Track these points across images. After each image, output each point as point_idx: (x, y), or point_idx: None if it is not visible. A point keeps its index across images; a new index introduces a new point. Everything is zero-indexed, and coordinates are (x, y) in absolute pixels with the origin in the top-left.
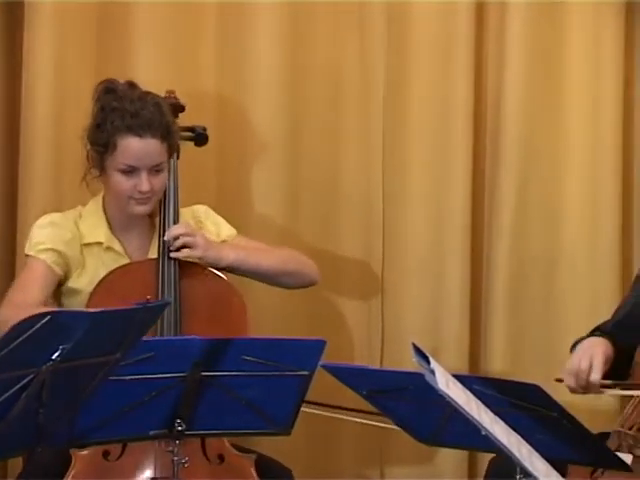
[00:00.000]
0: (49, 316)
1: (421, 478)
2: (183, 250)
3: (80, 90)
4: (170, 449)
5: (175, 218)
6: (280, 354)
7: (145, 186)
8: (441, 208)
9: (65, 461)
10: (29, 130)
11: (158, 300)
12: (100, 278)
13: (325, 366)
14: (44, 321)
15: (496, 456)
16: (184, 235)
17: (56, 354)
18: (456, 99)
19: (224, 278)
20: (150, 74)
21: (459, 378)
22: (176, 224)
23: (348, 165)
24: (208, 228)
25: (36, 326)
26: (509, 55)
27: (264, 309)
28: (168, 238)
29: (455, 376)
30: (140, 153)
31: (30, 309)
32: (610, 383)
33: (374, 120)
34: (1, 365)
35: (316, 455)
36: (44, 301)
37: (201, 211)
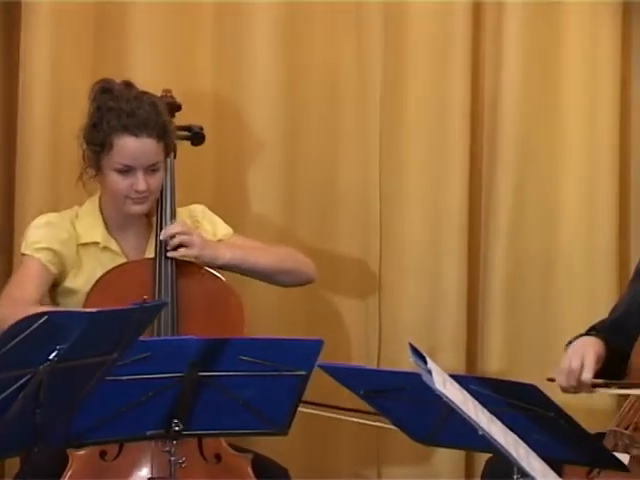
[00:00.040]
0: (46, 316)
1: (418, 478)
2: (179, 249)
3: (77, 90)
4: (167, 449)
5: (172, 217)
6: (277, 354)
7: (141, 185)
8: (438, 208)
9: (62, 461)
10: (26, 130)
11: (155, 300)
12: (97, 278)
13: (322, 366)
14: (41, 321)
15: (492, 456)
16: (180, 234)
17: (53, 354)
18: (453, 99)
19: (221, 278)
20: (147, 74)
21: (456, 378)
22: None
23: (345, 165)
24: (205, 227)
25: (33, 326)
26: (506, 55)
27: (261, 307)
28: (164, 237)
29: (452, 376)
30: (136, 153)
31: (26, 306)
32: (601, 382)
33: (371, 120)
34: None
35: (313, 455)
36: (39, 299)
37: (198, 210)
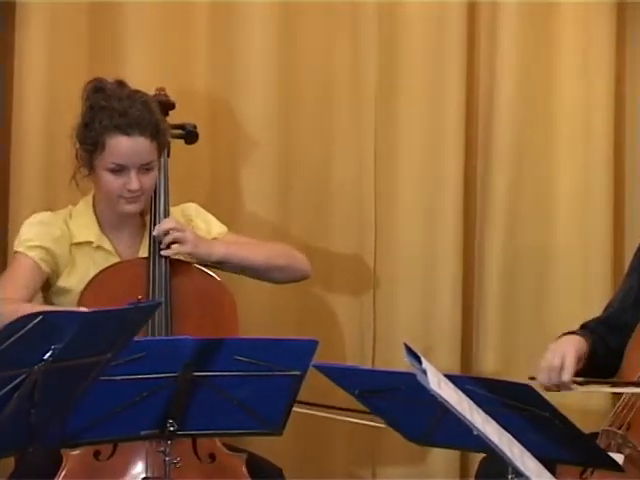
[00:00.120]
0: (41, 316)
1: (413, 478)
2: (173, 246)
3: (72, 90)
4: (161, 449)
5: (165, 216)
6: (272, 354)
7: (134, 185)
8: (433, 206)
9: (56, 461)
10: (21, 130)
11: (149, 300)
12: (90, 277)
13: (317, 366)
14: (36, 321)
15: (486, 456)
16: (173, 230)
17: (48, 354)
18: (448, 98)
19: (215, 277)
20: (142, 73)
21: (451, 378)
22: None
23: (339, 163)
24: (199, 226)
25: (28, 326)
26: (501, 55)
27: (254, 306)
28: (158, 233)
29: (447, 376)
30: (129, 152)
31: (18, 304)
32: (582, 380)
33: (366, 119)
34: None
35: (308, 455)
36: (30, 297)
37: (191, 209)
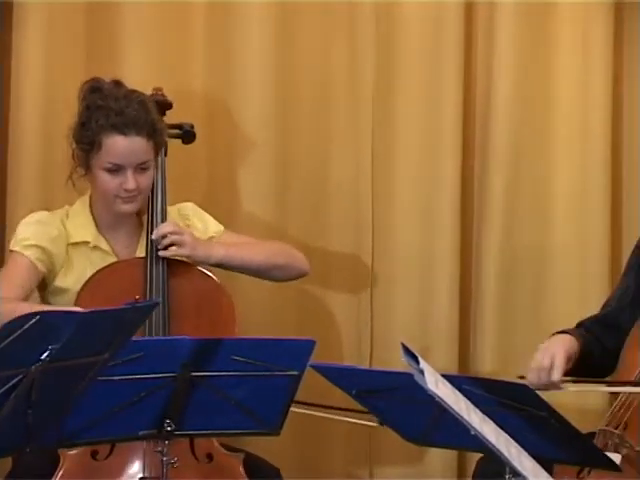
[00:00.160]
0: (38, 316)
1: (410, 478)
2: (171, 248)
3: (69, 89)
4: (159, 449)
5: (163, 216)
6: (270, 354)
7: (131, 184)
8: (431, 206)
9: (53, 461)
10: (18, 130)
11: (147, 300)
12: (87, 277)
13: (314, 366)
14: (33, 321)
15: (483, 456)
16: (172, 233)
17: (45, 354)
18: (445, 98)
19: (213, 277)
20: (139, 73)
21: (448, 378)
22: (164, 222)
23: (337, 163)
24: (195, 225)
25: (25, 326)
26: (498, 54)
27: (252, 305)
28: (156, 237)
29: (444, 376)
30: (125, 151)
31: (14, 303)
32: (572, 380)
33: (363, 119)
34: None
35: (305, 455)
36: (25, 296)
37: (188, 208)
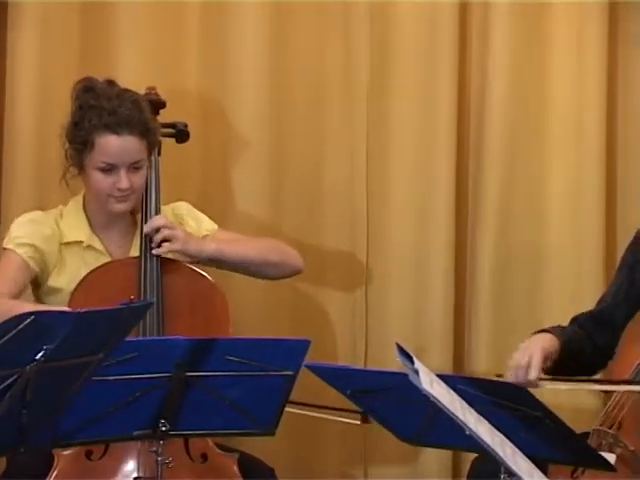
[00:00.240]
0: (33, 316)
1: (405, 478)
2: (164, 244)
3: (63, 89)
4: (154, 449)
5: (157, 215)
6: (264, 354)
7: (124, 184)
8: (425, 205)
9: (48, 461)
10: (13, 130)
11: (141, 300)
12: (81, 277)
13: (309, 366)
14: (28, 321)
15: (479, 456)
16: (164, 227)
17: (40, 354)
18: (440, 98)
19: (207, 276)
20: (133, 73)
21: (443, 378)
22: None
23: (331, 163)
24: (189, 224)
25: (20, 326)
26: (493, 54)
27: (246, 304)
28: (149, 230)
29: (439, 376)
30: (118, 151)
31: (10, 302)
32: (548, 378)
33: (357, 119)
34: None
35: (300, 455)
36: (17, 294)
37: (182, 208)
